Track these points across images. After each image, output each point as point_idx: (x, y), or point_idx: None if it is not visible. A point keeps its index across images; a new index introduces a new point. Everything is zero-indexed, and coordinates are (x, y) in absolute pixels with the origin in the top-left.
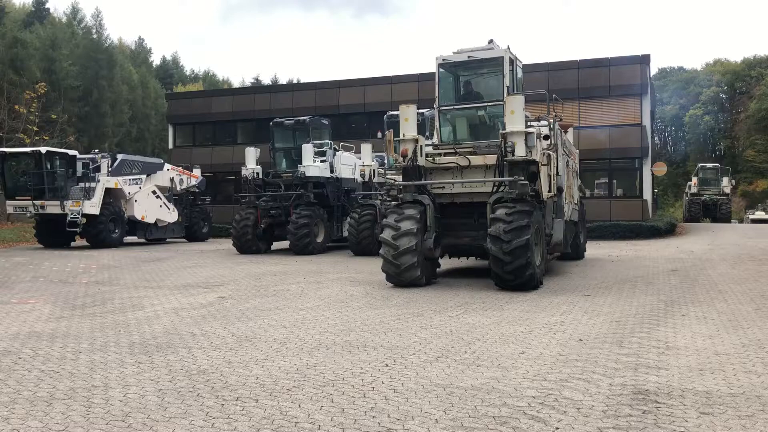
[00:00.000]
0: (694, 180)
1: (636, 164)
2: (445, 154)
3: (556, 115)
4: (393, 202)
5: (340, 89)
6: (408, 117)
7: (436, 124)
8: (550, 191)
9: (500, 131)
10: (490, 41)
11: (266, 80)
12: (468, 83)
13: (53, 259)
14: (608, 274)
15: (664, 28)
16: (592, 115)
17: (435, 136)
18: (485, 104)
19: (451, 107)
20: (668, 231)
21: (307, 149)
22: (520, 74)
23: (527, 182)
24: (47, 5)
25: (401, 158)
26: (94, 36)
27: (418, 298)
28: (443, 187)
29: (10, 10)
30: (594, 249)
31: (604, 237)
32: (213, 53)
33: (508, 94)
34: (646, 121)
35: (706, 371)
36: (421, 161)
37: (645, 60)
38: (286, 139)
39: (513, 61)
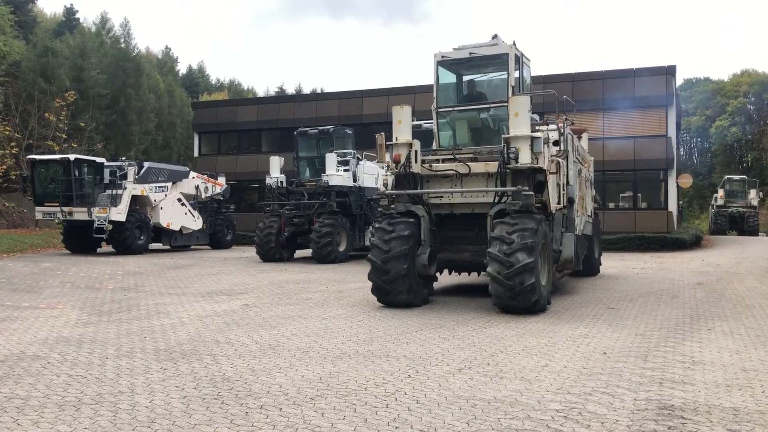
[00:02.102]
0: (721, 192)
1: (661, 176)
2: (444, 161)
3: (566, 119)
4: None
5: (364, 99)
6: (401, 119)
7: (434, 127)
8: (559, 203)
9: (503, 136)
10: (494, 36)
11: (290, 89)
12: (470, 83)
13: (80, 265)
14: (632, 287)
15: (691, 39)
16: (616, 126)
17: (433, 140)
18: (488, 105)
19: (451, 109)
20: (694, 243)
21: (331, 158)
22: (527, 73)
23: (532, 193)
24: (77, 15)
25: (393, 164)
26: (122, 45)
27: (440, 309)
28: (441, 197)
29: (41, 19)
30: (618, 261)
31: (629, 249)
32: (239, 62)
33: (513, 94)
34: (672, 133)
35: (734, 387)
36: (416, 168)
37: (670, 71)
38: (309, 149)
39: (519, 59)
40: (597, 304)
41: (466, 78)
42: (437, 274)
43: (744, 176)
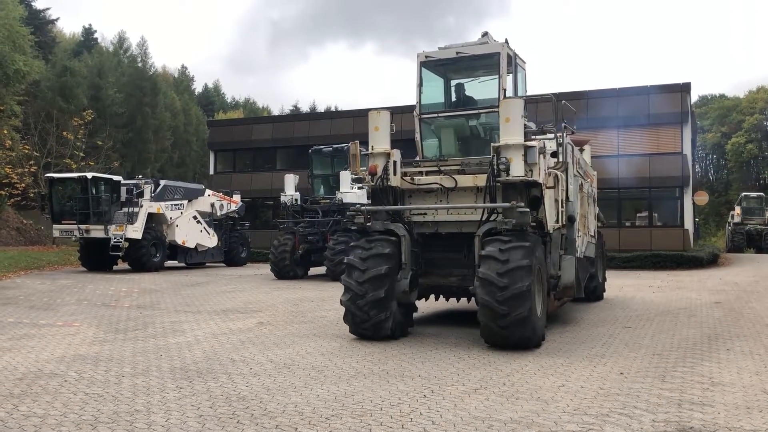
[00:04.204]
0: (737, 209)
1: (677, 193)
2: (427, 173)
3: (566, 127)
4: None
5: None
6: (378, 126)
7: (417, 136)
8: (557, 221)
9: (492, 144)
10: (485, 34)
11: (305, 108)
12: (458, 87)
13: (96, 283)
14: (649, 306)
15: (706, 57)
16: (631, 144)
17: (417, 150)
18: (476, 111)
19: (435, 115)
20: (710, 261)
21: (345, 176)
22: (522, 76)
23: (528, 209)
24: (95, 35)
25: (369, 176)
26: (139, 64)
27: (455, 328)
28: (424, 214)
29: (60, 40)
30: (634, 280)
31: (644, 267)
32: (254, 81)
33: (505, 97)
34: (687, 150)
35: (754, 409)
36: (395, 181)
37: (685, 88)
38: (324, 166)
39: (512, 59)
40: (613, 323)
41: (453, 81)
42: (424, 300)
43: (761, 193)
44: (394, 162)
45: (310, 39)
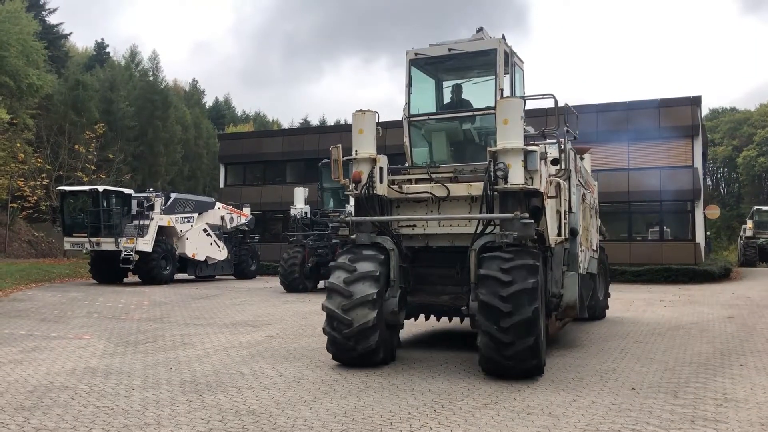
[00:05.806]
0: (750, 223)
1: (688, 207)
2: (417, 181)
3: (568, 131)
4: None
5: (387, 130)
6: (363, 128)
7: (406, 140)
8: (559, 234)
9: (489, 149)
10: (480, 30)
11: (315, 121)
12: (451, 87)
13: (107, 295)
14: (660, 320)
15: (717, 70)
16: (642, 157)
17: (406, 156)
18: (471, 113)
19: (426, 118)
20: (722, 276)
21: None
22: (520, 76)
23: (532, 221)
24: (108, 49)
25: (353, 184)
26: (151, 78)
27: (466, 341)
28: (414, 226)
29: (73, 54)
30: (645, 294)
31: (655, 281)
32: (266, 95)
33: (502, 97)
34: (698, 163)
35: None
36: (381, 189)
37: (696, 101)
38: (333, 179)
39: (509, 57)
40: (624, 338)
41: (446, 81)
42: (413, 318)
43: None
44: (381, 168)
45: (324, 53)
